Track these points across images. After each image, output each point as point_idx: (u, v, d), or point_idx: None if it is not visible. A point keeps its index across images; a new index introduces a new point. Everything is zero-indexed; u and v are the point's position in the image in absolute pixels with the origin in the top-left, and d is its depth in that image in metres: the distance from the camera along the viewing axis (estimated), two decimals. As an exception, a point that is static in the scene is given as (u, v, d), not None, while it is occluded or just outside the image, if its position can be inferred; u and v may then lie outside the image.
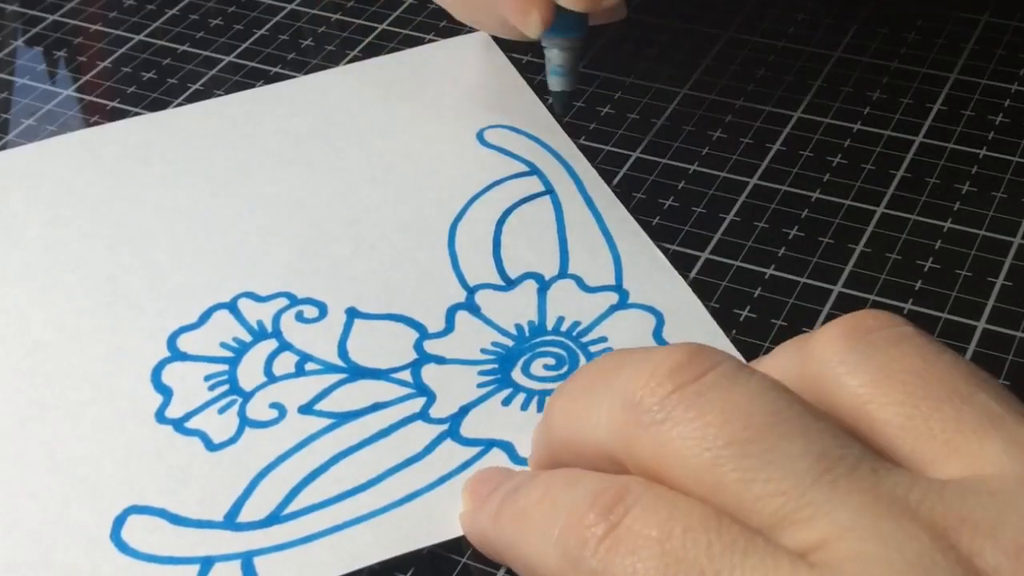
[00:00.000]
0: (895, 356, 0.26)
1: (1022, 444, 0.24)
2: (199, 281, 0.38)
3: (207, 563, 0.31)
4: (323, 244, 0.39)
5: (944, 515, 0.23)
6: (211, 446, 0.34)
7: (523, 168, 0.42)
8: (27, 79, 0.48)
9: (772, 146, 0.42)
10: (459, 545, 0.31)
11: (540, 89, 0.44)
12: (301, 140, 0.43)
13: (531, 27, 0.38)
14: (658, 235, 0.39)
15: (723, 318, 0.36)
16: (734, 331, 0.36)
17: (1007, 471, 0.24)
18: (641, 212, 0.40)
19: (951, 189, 0.40)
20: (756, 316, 0.36)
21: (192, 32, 0.50)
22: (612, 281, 0.37)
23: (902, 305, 0.36)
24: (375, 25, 0.49)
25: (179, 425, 0.34)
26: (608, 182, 0.41)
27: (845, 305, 0.36)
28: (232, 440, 0.34)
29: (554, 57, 0.40)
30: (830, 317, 0.35)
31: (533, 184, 0.41)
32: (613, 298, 0.37)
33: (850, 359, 0.26)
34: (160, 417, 0.35)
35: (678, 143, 0.42)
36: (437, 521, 0.31)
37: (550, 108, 0.43)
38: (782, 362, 0.28)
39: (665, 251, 0.38)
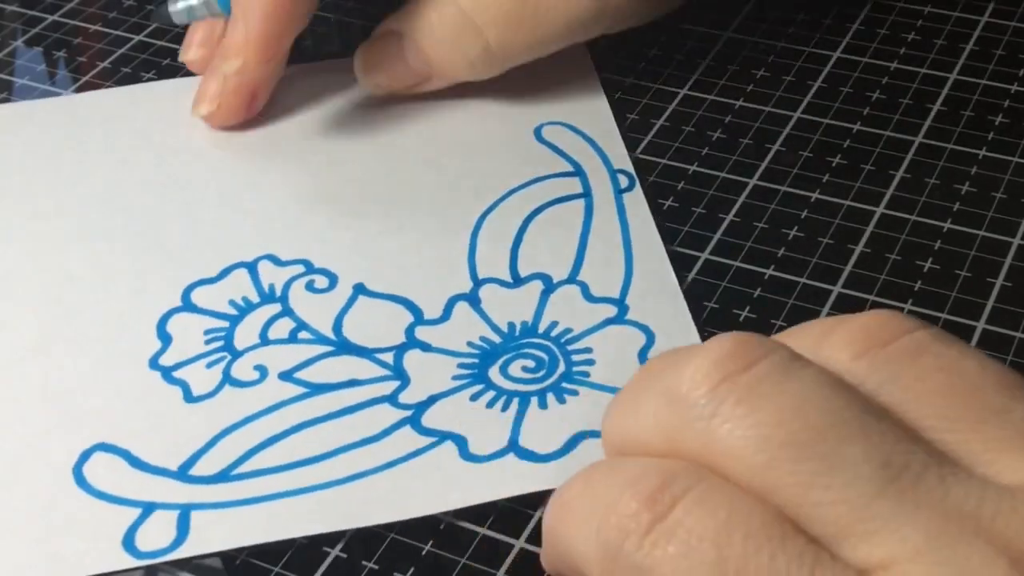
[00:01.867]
0: (919, 376, 0.25)
1: None
2: (228, 237, 0.39)
3: (148, 508, 0.31)
4: (354, 219, 0.40)
5: (1019, 531, 0.22)
6: (189, 398, 0.34)
7: (568, 168, 0.41)
8: (27, 79, 0.48)
9: (772, 146, 0.42)
10: (459, 545, 0.31)
11: (610, 87, 0.44)
12: (364, 112, 0.44)
13: None
14: (658, 235, 0.39)
15: (723, 318, 0.36)
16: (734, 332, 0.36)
17: None
18: (641, 212, 0.40)
19: (951, 189, 0.40)
20: (756, 316, 0.36)
21: (192, 32, 0.50)
22: (616, 295, 0.37)
23: (902, 305, 0.36)
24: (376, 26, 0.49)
25: (167, 373, 0.35)
26: (608, 182, 0.41)
27: (845, 305, 0.36)
28: (209, 395, 0.34)
29: None
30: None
31: (573, 185, 0.41)
32: (611, 311, 0.36)
33: (873, 379, 0.25)
34: (153, 363, 0.35)
35: (678, 143, 0.42)
36: (374, 503, 0.31)
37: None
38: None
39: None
